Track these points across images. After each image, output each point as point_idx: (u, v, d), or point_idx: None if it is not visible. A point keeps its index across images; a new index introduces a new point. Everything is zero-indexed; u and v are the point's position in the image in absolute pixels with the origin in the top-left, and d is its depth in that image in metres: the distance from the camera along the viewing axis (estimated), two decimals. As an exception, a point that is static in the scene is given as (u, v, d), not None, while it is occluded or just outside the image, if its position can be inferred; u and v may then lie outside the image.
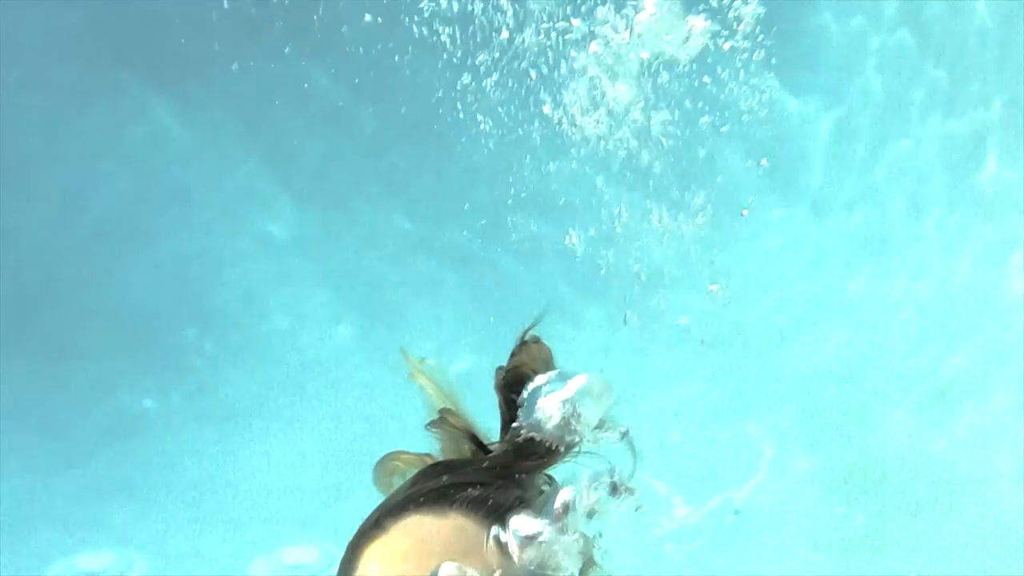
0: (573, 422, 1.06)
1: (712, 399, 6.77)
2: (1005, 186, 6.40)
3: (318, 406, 6.62)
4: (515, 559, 0.97)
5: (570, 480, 1.04)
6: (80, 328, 6.37)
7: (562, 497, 1.00)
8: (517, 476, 1.07)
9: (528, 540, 0.99)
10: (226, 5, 5.43)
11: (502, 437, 1.11)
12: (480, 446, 1.12)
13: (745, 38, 4.43)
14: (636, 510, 1.02)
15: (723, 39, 4.36)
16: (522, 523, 1.00)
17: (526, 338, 1.09)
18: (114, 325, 6.41)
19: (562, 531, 1.00)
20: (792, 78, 5.98)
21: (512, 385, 1.09)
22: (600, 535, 1.02)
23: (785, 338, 6.73)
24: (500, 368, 1.09)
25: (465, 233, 6.30)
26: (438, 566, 0.97)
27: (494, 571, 0.97)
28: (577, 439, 1.06)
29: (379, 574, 1.02)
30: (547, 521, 1.00)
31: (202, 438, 6.65)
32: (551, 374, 1.07)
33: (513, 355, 1.09)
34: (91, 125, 6.01)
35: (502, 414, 1.10)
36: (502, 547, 0.98)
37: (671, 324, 6.22)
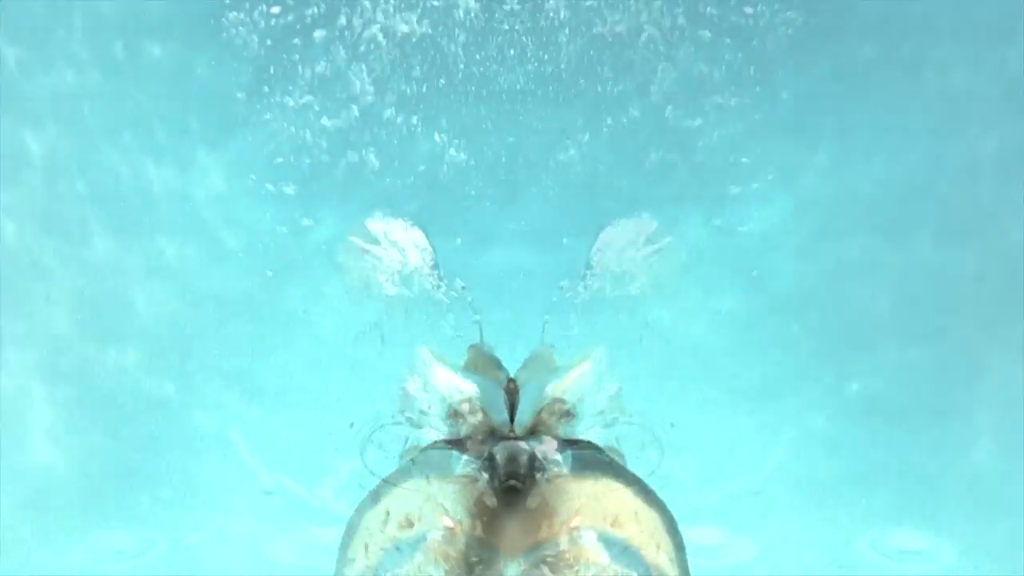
0: None
1: (729, 379, 6.76)
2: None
3: (338, 387, 6.65)
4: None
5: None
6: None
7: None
8: None
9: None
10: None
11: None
12: (493, 434, 1.15)
13: None
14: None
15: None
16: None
17: (542, 342, 1.13)
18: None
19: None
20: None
21: (518, 391, 1.13)
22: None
23: (805, 305, 6.65)
24: (511, 379, 1.13)
25: (479, 212, 6.31)
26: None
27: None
28: None
29: (381, 536, 1.04)
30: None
31: (222, 419, 6.70)
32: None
33: (523, 363, 1.13)
34: (113, 113, 6.06)
35: (509, 411, 1.13)
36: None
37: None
